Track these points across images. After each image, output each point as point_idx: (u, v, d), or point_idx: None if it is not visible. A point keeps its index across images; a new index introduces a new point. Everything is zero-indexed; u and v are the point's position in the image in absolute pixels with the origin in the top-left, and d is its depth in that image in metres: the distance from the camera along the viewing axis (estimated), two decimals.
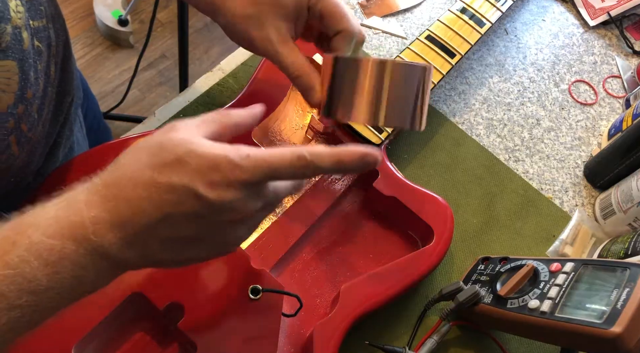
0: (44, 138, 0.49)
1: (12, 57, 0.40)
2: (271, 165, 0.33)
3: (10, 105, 0.41)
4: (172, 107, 0.64)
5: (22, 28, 0.40)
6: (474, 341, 0.57)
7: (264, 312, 0.48)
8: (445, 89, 0.74)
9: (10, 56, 0.39)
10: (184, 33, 1.26)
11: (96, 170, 0.34)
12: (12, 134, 0.43)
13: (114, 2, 1.74)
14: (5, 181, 0.46)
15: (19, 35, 0.40)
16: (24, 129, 0.44)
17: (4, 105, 0.40)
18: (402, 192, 0.57)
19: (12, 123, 0.42)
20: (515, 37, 0.80)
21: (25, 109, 0.43)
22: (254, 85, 0.60)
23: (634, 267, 0.46)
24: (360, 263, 0.57)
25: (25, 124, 0.44)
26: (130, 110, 1.67)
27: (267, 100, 0.60)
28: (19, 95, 0.42)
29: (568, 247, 0.65)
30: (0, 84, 0.39)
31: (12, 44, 0.39)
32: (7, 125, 0.42)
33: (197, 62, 1.80)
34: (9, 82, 0.40)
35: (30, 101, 0.43)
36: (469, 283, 0.56)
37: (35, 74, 0.44)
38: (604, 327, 0.42)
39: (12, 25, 0.39)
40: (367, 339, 0.54)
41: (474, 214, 0.65)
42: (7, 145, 0.42)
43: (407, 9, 0.79)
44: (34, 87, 0.43)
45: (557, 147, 0.72)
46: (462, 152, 0.69)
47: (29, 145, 0.46)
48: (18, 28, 0.40)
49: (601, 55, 0.81)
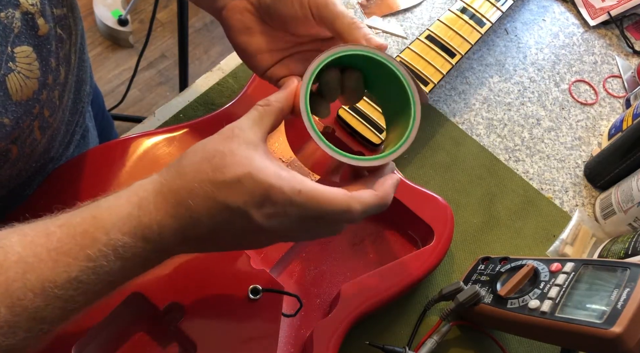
0: (64, 125, 0.51)
1: (27, 42, 0.40)
2: (320, 207, 0.36)
3: (36, 91, 0.42)
4: (172, 107, 0.64)
5: (36, 14, 0.41)
6: (474, 341, 0.57)
7: (264, 312, 0.48)
8: (446, 89, 0.74)
9: (24, 42, 0.40)
10: (183, 33, 1.26)
11: (103, 167, 0.39)
12: (36, 119, 0.44)
13: (114, 2, 1.74)
14: (27, 166, 0.48)
15: (31, 21, 0.40)
16: (46, 114, 0.45)
17: (30, 91, 0.42)
18: (402, 192, 0.57)
19: (37, 109, 0.43)
20: (515, 37, 0.80)
21: (47, 95, 0.44)
22: (254, 85, 0.60)
23: (634, 267, 0.46)
24: (361, 263, 0.57)
25: (48, 109, 0.45)
26: (130, 110, 1.68)
27: None
28: (42, 81, 0.43)
29: (568, 247, 0.65)
30: (23, 70, 0.40)
31: (25, 30, 0.40)
32: (34, 110, 0.43)
33: (197, 62, 1.80)
34: (30, 67, 0.41)
35: (52, 87, 0.44)
36: (469, 284, 0.56)
37: (57, 61, 0.44)
38: (604, 327, 0.42)
39: (20, 11, 0.39)
40: (367, 339, 0.54)
41: (474, 214, 0.65)
42: (31, 131, 0.44)
43: (407, 8, 0.79)
44: (54, 73, 0.44)
45: (557, 147, 0.72)
46: (462, 152, 0.69)
47: (50, 130, 0.47)
48: (29, 14, 0.40)
49: (601, 55, 0.81)
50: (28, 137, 0.44)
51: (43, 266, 0.33)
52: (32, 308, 0.33)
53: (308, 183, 0.36)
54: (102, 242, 0.34)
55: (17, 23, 0.39)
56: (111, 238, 0.34)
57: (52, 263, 0.33)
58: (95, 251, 0.34)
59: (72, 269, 0.33)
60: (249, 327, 0.48)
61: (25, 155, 0.45)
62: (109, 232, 0.34)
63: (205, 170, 0.35)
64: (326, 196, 0.35)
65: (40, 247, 0.34)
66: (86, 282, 0.34)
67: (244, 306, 0.48)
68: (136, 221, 0.35)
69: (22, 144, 0.44)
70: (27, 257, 0.33)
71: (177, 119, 0.63)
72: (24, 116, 0.42)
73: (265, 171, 0.35)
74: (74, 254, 0.34)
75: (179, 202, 0.35)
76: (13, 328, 0.32)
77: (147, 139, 0.55)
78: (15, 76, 0.40)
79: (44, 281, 0.33)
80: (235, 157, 0.35)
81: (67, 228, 0.35)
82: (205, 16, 1.91)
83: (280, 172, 0.35)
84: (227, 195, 0.35)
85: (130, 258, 0.35)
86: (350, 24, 0.41)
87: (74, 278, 0.33)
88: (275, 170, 0.35)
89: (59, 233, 0.34)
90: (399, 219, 0.59)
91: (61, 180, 0.51)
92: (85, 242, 0.34)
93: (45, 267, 0.33)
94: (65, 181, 0.51)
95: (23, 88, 0.41)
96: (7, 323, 0.32)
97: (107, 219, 0.35)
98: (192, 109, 0.64)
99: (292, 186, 0.35)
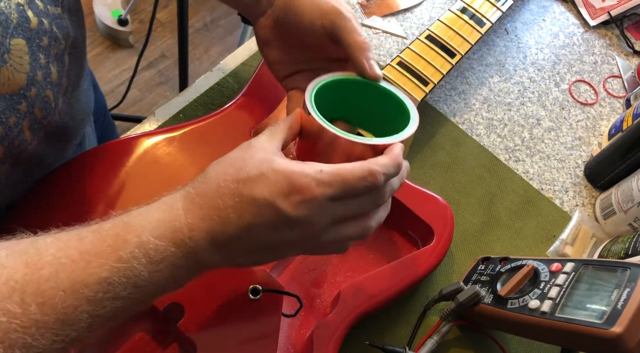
0: (60, 129, 0.50)
1: (22, 35, 0.41)
2: (345, 180, 0.36)
3: (23, 87, 0.42)
4: (172, 107, 0.64)
5: (25, 6, 0.41)
6: (474, 341, 0.57)
7: (264, 312, 0.48)
8: (446, 89, 0.74)
9: (20, 34, 0.40)
10: (183, 33, 1.26)
11: (103, 167, 0.38)
12: (26, 117, 0.44)
13: (114, 2, 1.74)
14: (16, 168, 0.47)
15: (24, 13, 0.41)
16: (38, 114, 0.45)
17: (15, 85, 0.41)
18: (402, 192, 0.57)
19: (24, 106, 0.43)
20: (515, 37, 0.80)
21: (37, 93, 0.44)
22: (253, 85, 0.60)
23: (634, 267, 0.46)
24: (360, 263, 0.57)
25: (40, 110, 0.45)
26: (130, 110, 1.67)
27: (267, 100, 0.60)
28: (31, 77, 0.42)
29: (568, 247, 0.65)
30: (15, 63, 0.40)
31: (21, 22, 0.40)
32: (19, 107, 0.42)
33: (197, 62, 1.80)
34: (21, 61, 0.41)
35: (42, 85, 0.44)
36: (469, 284, 0.56)
37: (47, 58, 0.44)
38: (605, 327, 0.42)
39: (14, 1, 0.40)
40: (367, 339, 0.54)
41: (474, 214, 0.65)
42: (20, 130, 0.44)
43: (408, 8, 0.79)
44: (44, 70, 0.44)
45: (557, 147, 0.72)
46: (462, 152, 0.69)
47: (42, 132, 0.47)
48: (21, 5, 0.40)
49: (601, 55, 0.81)
50: (17, 137, 0.44)
51: (75, 267, 0.34)
52: (61, 309, 0.33)
53: (328, 164, 0.37)
54: (134, 244, 0.35)
55: (14, 14, 0.40)
56: (142, 241, 0.35)
57: (84, 264, 0.34)
58: (127, 252, 0.34)
59: (103, 270, 0.34)
60: (249, 327, 0.48)
61: (13, 156, 0.45)
62: (140, 234, 0.35)
63: (228, 172, 0.36)
64: (348, 167, 0.36)
65: (73, 250, 0.34)
66: (116, 285, 0.34)
67: (244, 306, 0.48)
68: (167, 225, 0.36)
69: (9, 143, 0.43)
70: (60, 258, 0.34)
71: (177, 119, 0.63)
72: (7, 111, 0.41)
73: (286, 163, 0.36)
74: (105, 255, 0.34)
75: (207, 203, 0.36)
76: (41, 330, 0.32)
77: (147, 139, 0.55)
78: (7, 69, 0.40)
79: (74, 281, 0.33)
80: (255, 159, 0.37)
81: (99, 233, 0.35)
82: (205, 16, 1.91)
83: (300, 163, 0.37)
84: (252, 188, 0.35)
85: (160, 262, 0.35)
86: (362, 45, 0.44)
87: (104, 279, 0.34)
88: (296, 162, 0.37)
89: (91, 237, 0.35)
90: (399, 219, 0.59)
91: (61, 181, 0.51)
92: (117, 244, 0.34)
93: (77, 267, 0.34)
94: (65, 181, 0.51)
95: (10, 81, 0.40)
96: (37, 323, 0.32)
97: (138, 223, 0.36)
98: (192, 109, 0.64)
99: (314, 168, 0.36)
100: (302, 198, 0.35)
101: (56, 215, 0.50)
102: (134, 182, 0.52)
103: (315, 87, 0.43)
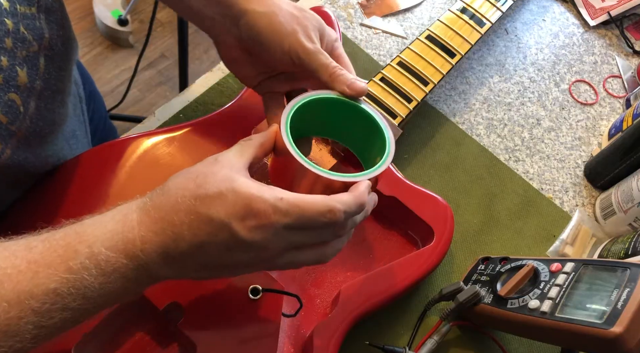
0: (35, 134, 0.47)
1: None
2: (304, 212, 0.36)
3: None
4: (172, 107, 0.64)
5: None
6: (474, 341, 0.57)
7: (264, 312, 0.48)
8: (446, 89, 0.74)
9: None
10: (183, 33, 1.26)
11: (103, 167, 0.38)
12: None
13: (114, 2, 1.74)
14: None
15: None
16: (3, 120, 0.42)
17: None
18: (402, 192, 0.57)
19: None
20: (515, 37, 0.80)
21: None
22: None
23: (634, 267, 0.46)
24: (360, 263, 0.57)
25: (4, 114, 0.42)
26: (130, 110, 1.67)
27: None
28: None
29: (568, 247, 0.65)
30: None
31: None
32: None
33: (197, 62, 1.80)
34: None
35: (4, 89, 0.41)
36: (469, 284, 0.56)
37: (12, 60, 0.42)
38: (605, 327, 0.42)
39: None
40: (367, 339, 0.54)
41: (474, 214, 0.65)
42: None
43: (407, 8, 0.79)
44: (7, 73, 0.42)
45: (557, 147, 0.72)
46: (462, 152, 0.69)
47: (14, 140, 0.44)
48: None
49: (601, 55, 0.81)
50: None
51: (21, 277, 0.33)
52: (4, 320, 0.32)
53: (289, 193, 0.36)
54: (85, 255, 0.34)
55: None
56: (94, 252, 0.34)
57: (31, 274, 0.33)
58: (77, 263, 0.33)
59: (51, 281, 0.33)
60: (249, 327, 0.48)
61: None
62: (91, 245, 0.34)
63: (188, 187, 0.36)
64: (308, 200, 0.36)
65: (20, 259, 0.33)
66: (64, 296, 0.33)
67: (244, 306, 0.48)
68: (119, 236, 0.35)
69: None
70: (6, 269, 0.33)
71: (177, 119, 0.63)
72: None
73: (247, 185, 0.36)
74: (54, 266, 0.33)
75: (162, 217, 0.35)
76: None
77: (147, 139, 0.55)
78: None
79: (20, 292, 0.32)
80: (217, 176, 0.36)
81: (49, 242, 0.34)
82: None
83: (262, 186, 0.36)
84: (209, 208, 0.35)
85: (111, 273, 0.34)
86: (331, 75, 0.44)
87: (52, 290, 0.33)
88: (258, 185, 0.36)
89: (41, 246, 0.34)
90: (399, 219, 0.59)
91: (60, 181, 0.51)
92: (67, 254, 0.34)
93: (24, 278, 0.33)
94: (65, 181, 0.51)
95: None
96: None
97: (90, 234, 0.35)
98: (192, 109, 0.64)
99: (274, 194, 0.35)
100: (258, 223, 0.35)
101: (56, 216, 0.50)
102: (133, 182, 0.52)
103: (295, 106, 0.43)
